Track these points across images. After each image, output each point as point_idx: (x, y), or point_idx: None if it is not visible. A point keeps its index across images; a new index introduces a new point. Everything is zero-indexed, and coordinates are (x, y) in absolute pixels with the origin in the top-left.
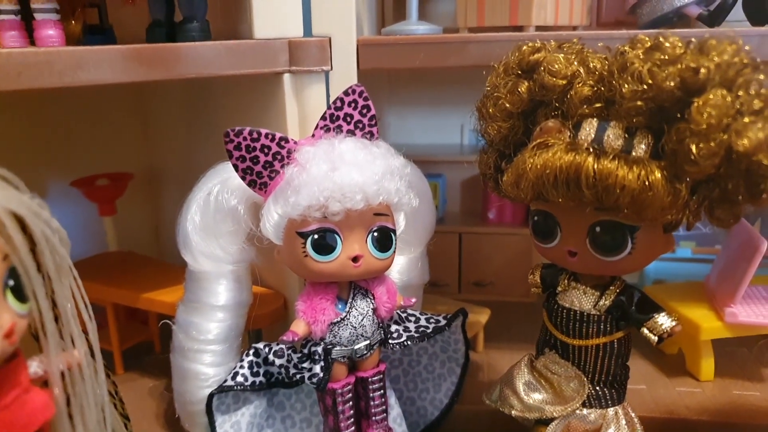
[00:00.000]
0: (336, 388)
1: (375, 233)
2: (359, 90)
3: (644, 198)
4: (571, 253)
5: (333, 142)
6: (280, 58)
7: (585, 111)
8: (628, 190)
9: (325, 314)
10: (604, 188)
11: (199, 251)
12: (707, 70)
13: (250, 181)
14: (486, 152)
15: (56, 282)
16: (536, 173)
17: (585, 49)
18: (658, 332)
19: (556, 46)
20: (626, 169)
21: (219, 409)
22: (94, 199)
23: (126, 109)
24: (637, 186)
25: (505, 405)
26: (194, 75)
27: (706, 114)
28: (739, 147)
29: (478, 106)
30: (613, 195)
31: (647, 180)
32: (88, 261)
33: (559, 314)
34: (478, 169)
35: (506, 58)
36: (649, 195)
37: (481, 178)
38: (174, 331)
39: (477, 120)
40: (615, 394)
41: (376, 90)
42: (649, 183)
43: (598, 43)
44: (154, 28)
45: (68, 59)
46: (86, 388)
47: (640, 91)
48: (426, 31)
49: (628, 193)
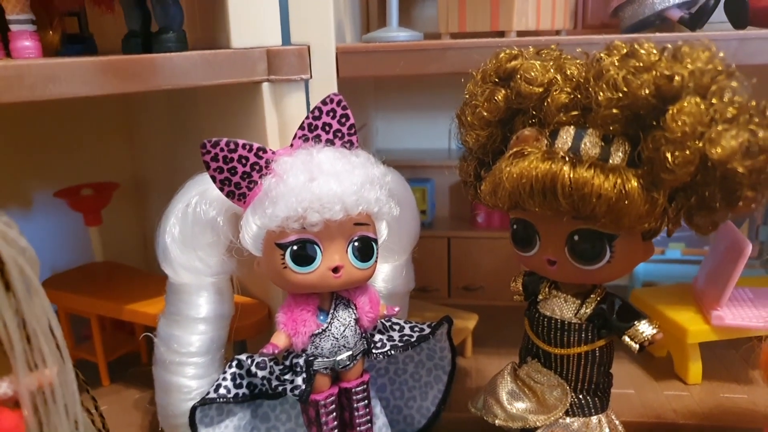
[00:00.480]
0: (319, 399)
1: (356, 243)
2: (337, 99)
3: (621, 206)
4: (550, 262)
5: (311, 152)
6: (258, 67)
7: (562, 119)
8: (605, 198)
9: (306, 326)
10: (580, 197)
11: (178, 264)
12: (681, 77)
13: (229, 192)
14: (466, 160)
15: (25, 301)
16: (512, 182)
17: (563, 56)
18: (639, 340)
19: (534, 52)
20: (602, 177)
21: (203, 421)
22: (79, 209)
23: (111, 119)
24: (614, 194)
25: (489, 414)
26: (170, 86)
27: (680, 122)
28: (713, 155)
29: (458, 114)
30: (589, 204)
31: (624, 188)
32: (73, 272)
33: (540, 323)
34: (459, 177)
35: (484, 65)
36: (625, 203)
37: (462, 185)
38: (156, 344)
39: (457, 128)
40: (598, 402)
41: (363, 95)
42: (626, 191)
43: (576, 49)
44: (129, 38)
45: (39, 72)
46: (58, 408)
47: (616, 98)
48: (406, 37)
49: (604, 201)
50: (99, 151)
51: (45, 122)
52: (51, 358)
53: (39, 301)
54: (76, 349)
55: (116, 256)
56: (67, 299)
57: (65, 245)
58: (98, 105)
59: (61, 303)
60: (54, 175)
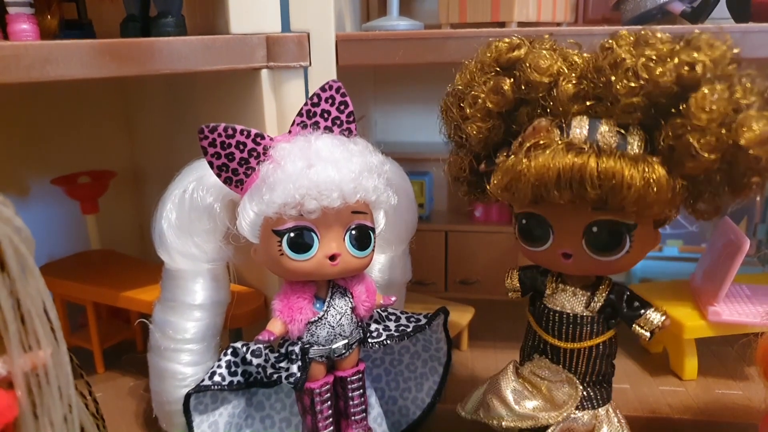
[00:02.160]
0: (314, 387)
1: (353, 231)
2: (336, 86)
3: (649, 195)
4: (565, 255)
5: (309, 139)
6: (257, 53)
7: (574, 108)
8: (635, 188)
9: (302, 313)
10: (610, 188)
11: (174, 250)
12: (703, 65)
13: (226, 179)
14: (458, 154)
15: (20, 281)
16: (536, 175)
17: (555, 46)
18: (649, 328)
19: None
20: (631, 167)
21: (197, 408)
22: (76, 197)
23: (108, 106)
24: (642, 184)
25: (490, 416)
26: (168, 71)
27: (707, 108)
28: (743, 140)
29: (445, 108)
30: (619, 194)
31: (652, 177)
32: (69, 259)
33: (549, 318)
34: (449, 173)
35: (479, 55)
36: (654, 191)
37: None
38: (151, 331)
39: (444, 122)
40: (605, 392)
41: (362, 88)
42: (654, 180)
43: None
44: (128, 23)
45: (36, 54)
46: (52, 389)
47: (638, 87)
48: (406, 27)
49: (635, 191)
50: (96, 139)
51: (42, 110)
52: (45, 339)
53: (34, 281)
54: (72, 337)
55: (113, 244)
56: (63, 286)
57: (62, 233)
58: (96, 93)
59: (57, 290)
60: (51, 163)
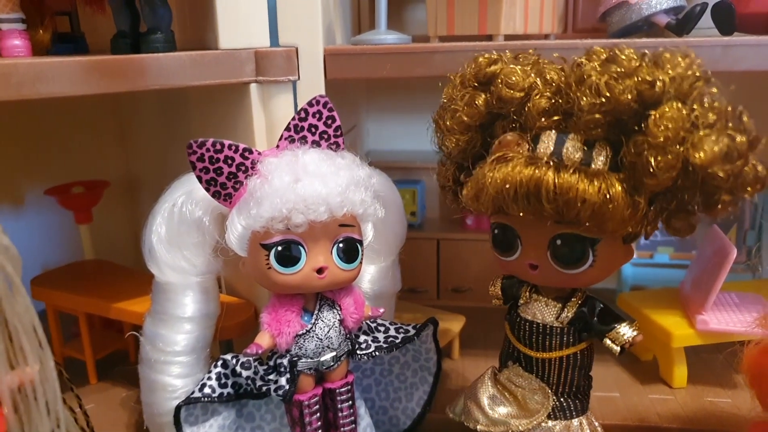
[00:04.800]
0: (302, 399)
1: (340, 244)
2: (323, 101)
3: (605, 211)
4: (532, 266)
5: (296, 153)
6: (246, 68)
7: (543, 123)
8: (589, 203)
9: (290, 326)
10: (565, 202)
11: (164, 263)
12: (663, 83)
13: (215, 193)
14: (444, 164)
15: (6, 299)
16: (496, 188)
17: (541, 60)
18: (620, 342)
19: (512, 57)
20: (587, 182)
21: (187, 420)
22: (70, 207)
23: (102, 118)
24: (598, 199)
25: (469, 419)
26: (158, 87)
27: (663, 127)
28: (696, 159)
29: (435, 119)
30: (573, 208)
31: (608, 193)
32: (62, 269)
33: (521, 327)
34: (437, 182)
35: (463, 69)
36: (609, 208)
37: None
38: (141, 343)
39: (434, 132)
40: (579, 404)
41: (355, 97)
42: (610, 196)
43: (554, 54)
44: (118, 39)
45: (26, 71)
46: (39, 406)
47: (598, 104)
48: (394, 40)
49: (589, 206)
50: (90, 150)
51: (37, 121)
52: (32, 356)
53: (21, 299)
54: (65, 347)
55: (107, 254)
56: (56, 297)
57: (56, 243)
58: (90, 104)
59: (49, 301)
60: (45, 173)
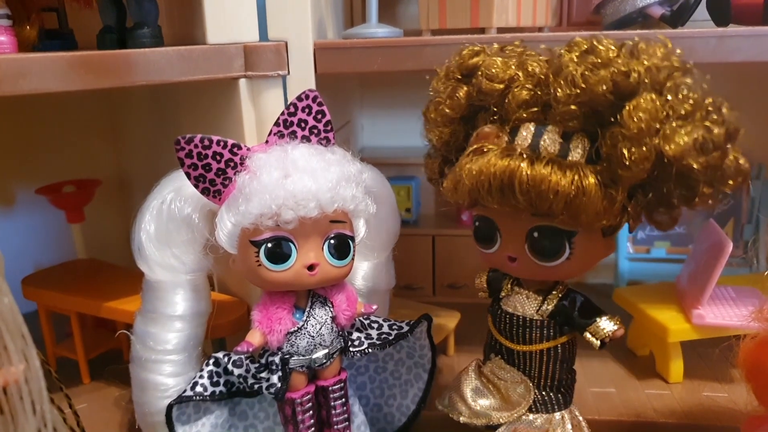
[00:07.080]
0: (295, 397)
1: (332, 240)
2: (313, 95)
3: (578, 203)
4: (511, 259)
5: (286, 149)
6: (234, 63)
7: (522, 115)
8: (562, 195)
9: (281, 324)
10: (538, 194)
11: (154, 261)
12: (638, 73)
13: (204, 189)
14: (431, 157)
15: None
16: (472, 179)
17: (526, 52)
18: (600, 336)
19: (498, 48)
20: (560, 174)
21: (179, 419)
22: (61, 206)
23: (94, 116)
24: (571, 191)
25: (453, 411)
26: (145, 82)
27: (636, 118)
28: (667, 151)
29: (424, 112)
30: (546, 200)
31: (581, 184)
32: (54, 269)
33: (502, 319)
34: (426, 174)
35: (448, 62)
36: (583, 200)
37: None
38: (132, 342)
39: (423, 125)
40: (561, 398)
41: (348, 93)
42: (583, 187)
43: (541, 45)
44: (104, 34)
45: (8, 67)
46: (24, 405)
47: (574, 95)
48: (385, 34)
49: (561, 198)
50: (82, 149)
51: (27, 119)
52: (17, 355)
53: (4, 298)
54: (58, 347)
55: (99, 253)
56: (48, 297)
57: (48, 242)
58: (81, 102)
59: (42, 300)
60: (36, 172)
